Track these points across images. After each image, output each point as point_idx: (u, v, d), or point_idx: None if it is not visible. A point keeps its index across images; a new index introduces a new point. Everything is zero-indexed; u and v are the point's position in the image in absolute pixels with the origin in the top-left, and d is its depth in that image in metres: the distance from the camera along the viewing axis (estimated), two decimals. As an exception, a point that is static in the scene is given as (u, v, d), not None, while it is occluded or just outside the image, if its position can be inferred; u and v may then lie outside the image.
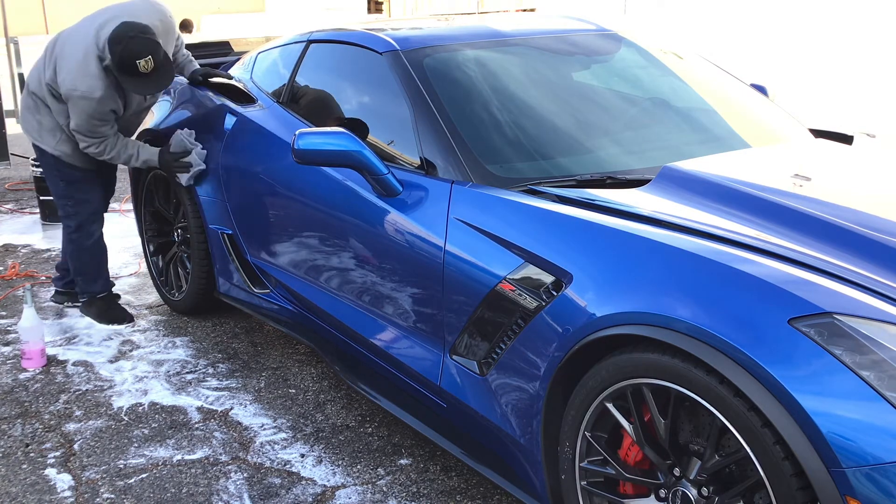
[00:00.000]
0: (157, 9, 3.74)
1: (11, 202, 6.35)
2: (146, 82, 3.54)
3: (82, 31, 3.65)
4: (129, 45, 3.42)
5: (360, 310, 2.99)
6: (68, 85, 3.57)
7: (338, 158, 2.75)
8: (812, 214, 2.18)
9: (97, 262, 4.03)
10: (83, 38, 3.60)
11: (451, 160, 2.70)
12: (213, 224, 3.82)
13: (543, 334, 2.19)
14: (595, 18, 3.60)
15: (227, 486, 2.78)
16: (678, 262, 2.00)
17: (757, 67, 11.46)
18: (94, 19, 3.68)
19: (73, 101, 3.60)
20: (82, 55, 3.57)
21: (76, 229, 3.93)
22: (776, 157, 2.86)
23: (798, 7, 19.37)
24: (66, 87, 3.58)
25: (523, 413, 2.29)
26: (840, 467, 1.63)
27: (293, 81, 3.63)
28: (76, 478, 2.85)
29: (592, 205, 2.36)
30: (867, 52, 13.77)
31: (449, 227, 2.53)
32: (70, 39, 3.66)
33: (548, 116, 2.97)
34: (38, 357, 3.64)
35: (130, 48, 3.42)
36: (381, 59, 3.11)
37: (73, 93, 3.56)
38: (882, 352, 1.70)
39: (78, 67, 3.56)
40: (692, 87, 3.31)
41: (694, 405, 1.89)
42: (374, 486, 2.76)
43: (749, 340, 1.76)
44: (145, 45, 3.45)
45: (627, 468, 2.06)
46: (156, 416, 3.25)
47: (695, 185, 2.40)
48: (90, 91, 3.55)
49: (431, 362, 2.64)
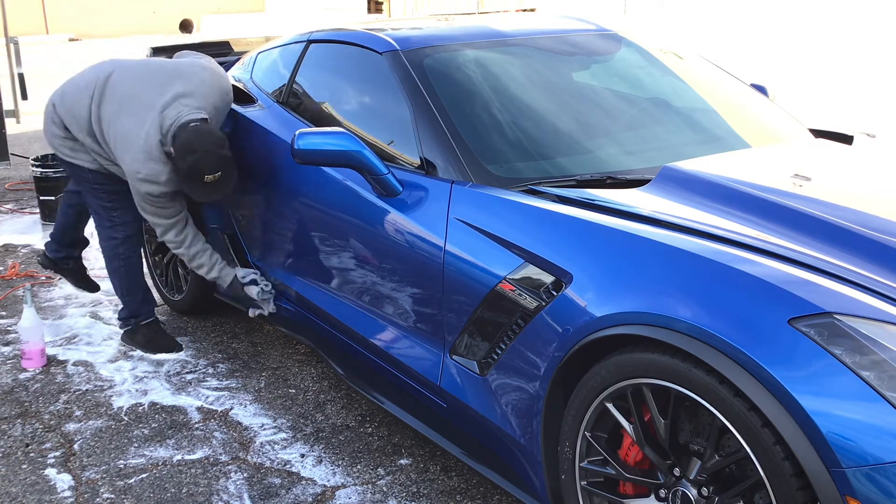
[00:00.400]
0: (222, 86, 3.51)
1: (11, 202, 6.35)
2: (209, 191, 3.33)
3: (145, 103, 3.35)
4: (203, 159, 3.21)
5: (360, 310, 2.99)
6: (129, 165, 3.33)
7: (338, 158, 2.75)
8: (812, 214, 2.18)
9: (142, 278, 3.78)
10: (145, 117, 3.33)
11: (451, 160, 2.70)
12: (214, 224, 3.82)
13: (543, 334, 2.19)
14: (595, 18, 3.59)
15: (227, 486, 2.78)
16: (678, 262, 2.00)
17: (757, 67, 11.46)
18: (157, 88, 3.39)
19: (135, 184, 3.37)
20: (144, 138, 3.31)
21: (123, 241, 3.65)
22: (776, 157, 2.86)
23: (798, 7, 19.37)
24: (128, 167, 3.34)
25: (523, 413, 2.29)
26: (840, 467, 1.63)
27: (293, 81, 3.63)
28: (76, 478, 2.85)
29: (592, 205, 2.36)
30: (867, 52, 13.77)
31: (449, 227, 2.53)
32: (129, 108, 3.37)
33: (548, 116, 2.97)
34: (38, 357, 3.64)
35: (203, 162, 3.22)
36: (381, 59, 3.11)
37: (137, 175, 3.33)
38: (882, 352, 1.70)
39: (139, 152, 3.31)
40: (692, 87, 3.31)
41: (694, 405, 1.89)
42: (374, 486, 2.76)
43: (749, 340, 1.76)
44: (218, 163, 3.24)
45: (627, 468, 2.06)
46: (156, 416, 3.25)
47: (695, 185, 2.40)
48: (154, 175, 3.32)
49: (431, 362, 2.64)
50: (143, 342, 3.76)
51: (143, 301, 3.76)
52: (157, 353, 3.72)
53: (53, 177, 5.48)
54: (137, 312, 3.76)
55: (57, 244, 4.05)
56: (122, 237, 3.65)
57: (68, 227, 4.01)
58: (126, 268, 3.69)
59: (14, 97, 9.37)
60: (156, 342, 3.76)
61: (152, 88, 3.41)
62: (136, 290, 3.74)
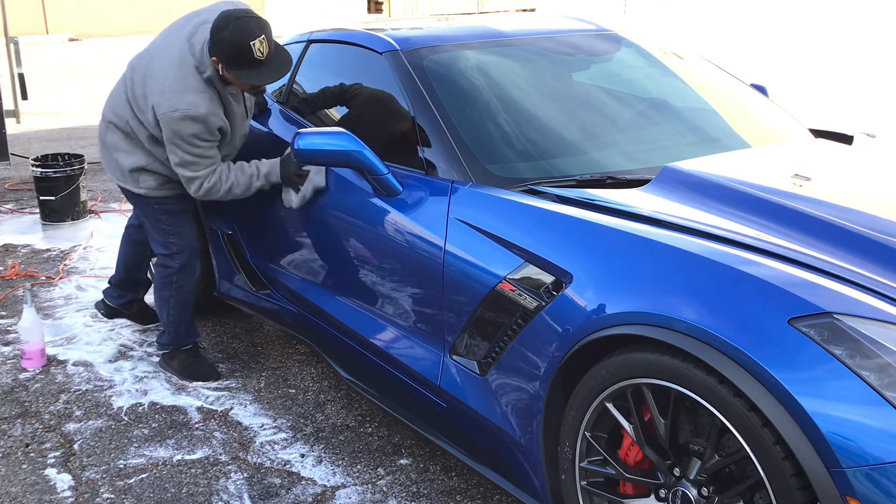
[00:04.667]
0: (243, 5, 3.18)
1: (11, 202, 6.35)
2: (265, 71, 3.02)
3: (170, 43, 3.16)
4: (239, 26, 2.93)
5: (360, 310, 2.99)
6: (165, 107, 3.04)
7: (338, 158, 2.75)
8: (812, 214, 2.18)
9: (191, 307, 3.54)
10: (174, 51, 3.11)
11: (451, 160, 2.70)
12: (214, 224, 3.82)
13: (543, 334, 2.19)
14: (595, 18, 3.59)
15: (227, 486, 2.78)
16: (678, 261, 2.00)
17: (757, 67, 11.46)
18: (179, 29, 3.20)
19: (173, 126, 3.05)
20: (177, 69, 3.06)
21: (180, 270, 3.42)
22: (776, 157, 2.86)
23: (798, 7, 19.37)
24: (164, 110, 3.05)
25: (523, 413, 2.29)
26: (840, 467, 1.63)
27: (293, 81, 3.63)
28: (76, 478, 2.85)
29: (592, 205, 2.36)
30: (867, 52, 13.77)
31: (449, 227, 2.53)
32: (157, 56, 3.16)
33: (548, 116, 2.97)
34: (38, 357, 3.64)
35: (241, 30, 2.92)
36: (381, 59, 3.11)
37: (173, 115, 3.03)
38: (882, 352, 1.70)
39: (174, 84, 3.05)
40: (692, 87, 3.31)
41: (694, 405, 1.89)
42: (374, 486, 2.76)
43: (749, 340, 1.76)
44: (256, 25, 2.95)
45: (627, 468, 2.06)
46: (156, 416, 3.25)
47: (695, 185, 2.40)
48: (193, 107, 3.03)
49: (431, 362, 2.64)
50: (179, 368, 3.54)
51: (187, 333, 3.55)
52: (192, 381, 3.50)
53: (53, 177, 5.48)
54: (179, 343, 3.55)
55: (118, 289, 3.88)
56: (178, 266, 3.42)
57: (131, 266, 3.84)
58: (177, 297, 3.46)
59: (14, 97, 9.37)
60: (191, 369, 3.53)
61: (174, 32, 3.21)
62: (182, 321, 3.51)
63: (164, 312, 3.50)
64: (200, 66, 3.08)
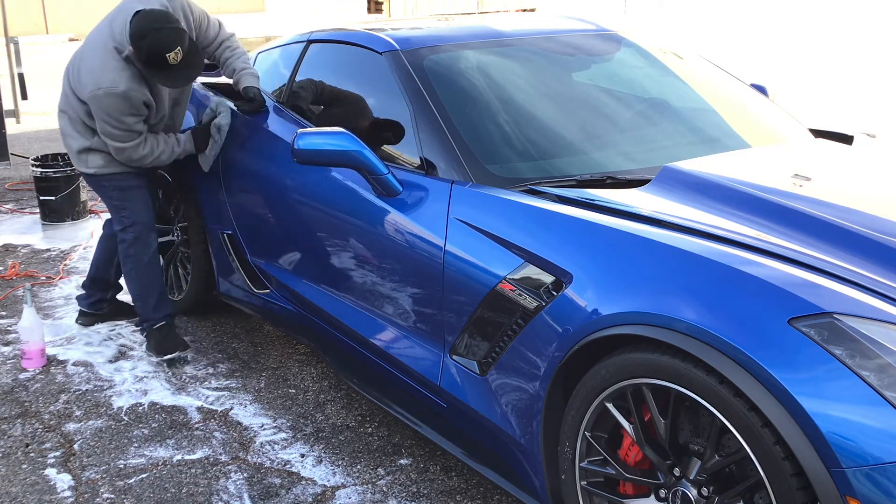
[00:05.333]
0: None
1: (11, 202, 6.35)
2: (175, 75, 3.29)
3: (98, 30, 3.43)
4: (157, 38, 3.17)
5: (360, 310, 2.99)
6: (91, 86, 3.31)
7: (338, 158, 2.75)
8: (812, 214, 2.18)
9: (158, 281, 3.70)
10: (99, 36, 3.39)
11: (451, 160, 2.70)
12: (214, 224, 3.82)
13: (543, 334, 2.19)
14: (595, 18, 3.59)
15: (227, 486, 2.78)
16: (678, 262, 2.00)
17: (757, 67, 11.46)
18: (106, 17, 3.47)
19: (98, 103, 3.31)
20: (101, 51, 3.33)
21: (133, 242, 3.60)
22: (776, 157, 2.86)
23: (798, 7, 19.37)
24: (89, 89, 3.31)
25: (523, 413, 2.29)
26: (840, 467, 1.63)
27: (293, 81, 3.63)
28: (76, 478, 2.85)
29: (592, 205, 2.36)
30: (867, 52, 13.77)
31: (449, 227, 2.53)
32: (88, 42, 3.46)
33: (548, 116, 2.97)
34: (38, 357, 3.64)
35: (159, 41, 3.17)
36: (381, 59, 3.11)
37: (97, 92, 3.29)
38: (882, 352, 1.70)
39: (97, 65, 3.32)
40: (692, 87, 3.31)
41: (694, 405, 1.89)
42: (374, 486, 2.76)
43: (749, 340, 1.76)
44: (173, 37, 3.20)
45: (627, 468, 2.06)
46: (156, 416, 3.25)
47: (695, 185, 2.40)
48: (113, 85, 3.27)
49: (431, 362, 2.64)
50: (155, 347, 3.67)
51: (156, 307, 3.66)
52: (163, 356, 3.64)
53: (53, 177, 5.47)
54: (149, 318, 3.67)
55: (87, 289, 4.00)
56: (132, 238, 3.59)
57: (101, 263, 3.93)
58: (136, 270, 3.62)
59: (14, 97, 9.37)
60: (163, 345, 3.66)
61: (103, 21, 3.48)
62: (147, 294, 3.64)
63: (130, 288, 3.71)
64: (119, 46, 3.32)
